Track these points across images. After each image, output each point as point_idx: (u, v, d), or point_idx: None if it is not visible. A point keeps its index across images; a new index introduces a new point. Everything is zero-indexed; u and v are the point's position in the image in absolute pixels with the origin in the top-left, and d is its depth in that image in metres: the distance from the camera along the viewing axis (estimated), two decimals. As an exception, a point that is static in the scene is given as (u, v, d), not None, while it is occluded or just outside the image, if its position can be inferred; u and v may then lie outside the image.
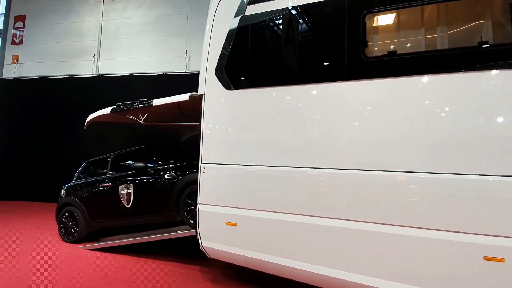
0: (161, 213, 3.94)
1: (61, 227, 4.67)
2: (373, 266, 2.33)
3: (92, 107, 7.98)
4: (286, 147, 2.76)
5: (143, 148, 4.56)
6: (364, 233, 2.36)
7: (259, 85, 3.00)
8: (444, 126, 2.15)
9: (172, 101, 3.71)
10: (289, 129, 2.78)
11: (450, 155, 2.10)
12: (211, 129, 3.19)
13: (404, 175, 2.27)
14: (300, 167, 2.70)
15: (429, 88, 2.25)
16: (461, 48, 2.41)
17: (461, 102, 2.11)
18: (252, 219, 2.91)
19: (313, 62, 2.82)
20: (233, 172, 3.04)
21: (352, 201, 2.44)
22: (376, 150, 2.38)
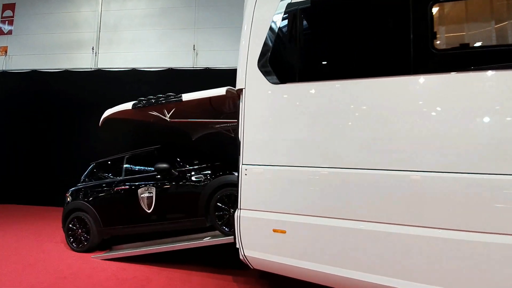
0: (187, 219, 3.60)
1: (69, 235, 4.22)
2: (452, 279, 2.14)
3: (90, 103, 7.51)
4: (344, 147, 2.52)
5: (162, 147, 4.19)
6: (443, 242, 2.16)
7: (310, 78, 2.74)
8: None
9: (206, 95, 3.39)
10: (348, 127, 2.54)
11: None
12: (254, 127, 2.89)
13: (487, 178, 2.09)
14: (360, 169, 2.47)
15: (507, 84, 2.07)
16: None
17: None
18: (305, 226, 2.65)
19: (375, 54, 2.58)
20: (281, 175, 2.75)
21: (427, 206, 2.24)
22: (449, 150, 2.19)
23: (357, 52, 2.62)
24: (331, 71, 2.70)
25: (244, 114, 2.95)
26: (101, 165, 4.55)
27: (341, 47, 2.68)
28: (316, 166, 2.63)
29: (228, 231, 3.37)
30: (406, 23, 2.39)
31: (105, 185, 4.15)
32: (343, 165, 2.53)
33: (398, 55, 2.44)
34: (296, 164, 2.72)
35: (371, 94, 2.49)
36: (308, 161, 2.66)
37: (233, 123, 4.41)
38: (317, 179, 2.62)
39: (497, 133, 2.03)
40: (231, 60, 7.18)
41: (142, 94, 7.05)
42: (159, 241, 4.03)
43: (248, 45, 3.00)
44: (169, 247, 3.50)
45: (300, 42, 2.79)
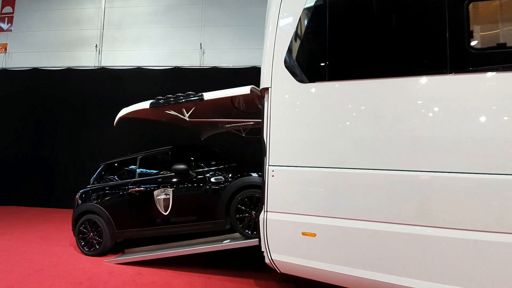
0: (206, 221, 3.50)
1: (80, 238, 4.07)
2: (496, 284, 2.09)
3: (94, 102, 7.34)
4: (378, 148, 2.46)
5: (176, 148, 4.08)
6: (487, 245, 2.11)
7: (341, 77, 2.67)
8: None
9: (228, 94, 3.29)
10: (381, 128, 2.47)
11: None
12: (281, 127, 2.81)
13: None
14: (395, 170, 2.41)
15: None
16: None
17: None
18: (336, 229, 2.58)
19: (410, 52, 2.52)
20: (311, 176, 2.68)
21: (464, 208, 2.19)
22: (486, 151, 2.15)
23: (391, 50, 2.55)
24: (363, 69, 2.63)
25: (270, 114, 2.87)
26: (112, 166, 4.41)
27: (375, 44, 2.60)
28: (347, 167, 2.57)
29: (250, 234, 3.28)
30: (442, 22, 2.34)
31: (118, 186, 4.02)
32: (377, 166, 2.47)
33: (434, 54, 2.39)
34: (326, 165, 2.65)
35: (405, 94, 2.44)
36: (339, 162, 2.59)
37: (247, 122, 4.34)
38: (349, 180, 2.56)
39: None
40: (239, 59, 7.10)
41: (147, 93, 6.95)
42: (174, 244, 3.92)
43: (274, 43, 2.90)
44: (189, 250, 3.40)
45: (330, 39, 2.70)
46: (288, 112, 2.81)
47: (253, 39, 7.14)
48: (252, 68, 6.98)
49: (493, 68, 2.16)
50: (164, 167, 3.93)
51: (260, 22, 7.34)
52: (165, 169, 3.89)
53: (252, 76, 6.95)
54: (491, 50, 2.35)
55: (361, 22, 2.67)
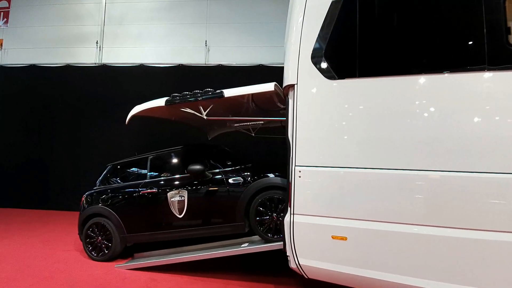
0: (224, 224, 3.35)
1: (87, 243, 3.87)
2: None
3: (94, 100, 7.09)
4: (412, 148, 2.35)
5: (190, 147, 3.92)
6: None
7: (373, 73, 2.55)
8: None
9: (250, 92, 3.15)
10: (415, 127, 2.36)
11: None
12: (308, 125, 2.68)
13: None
14: (431, 171, 2.31)
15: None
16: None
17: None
18: (368, 232, 2.46)
19: (447, 48, 2.42)
20: (341, 177, 2.56)
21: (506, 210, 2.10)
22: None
23: (428, 45, 2.45)
24: (397, 65, 2.51)
25: (296, 112, 2.74)
26: (120, 167, 4.22)
27: (410, 39, 2.49)
28: (380, 168, 2.46)
29: (271, 237, 3.15)
30: (479, 18, 2.25)
31: (128, 188, 3.83)
32: (411, 167, 2.36)
33: (472, 51, 2.30)
34: (357, 165, 2.53)
35: (441, 90, 2.34)
36: (370, 163, 2.48)
37: (258, 121, 4.22)
38: (381, 181, 2.44)
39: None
40: (245, 57, 6.95)
41: (150, 91, 6.76)
42: (187, 248, 3.76)
43: (300, 37, 2.77)
44: (208, 254, 3.24)
45: (362, 33, 2.57)
46: (316, 110, 2.69)
47: (260, 37, 7.01)
48: (259, 66, 6.85)
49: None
50: (176, 168, 3.77)
51: (267, 20, 7.25)
52: (178, 170, 3.72)
53: (258, 74, 6.84)
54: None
55: (395, 15, 2.56)
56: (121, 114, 6.91)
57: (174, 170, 3.80)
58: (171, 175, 3.75)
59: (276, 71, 6.95)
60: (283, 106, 3.46)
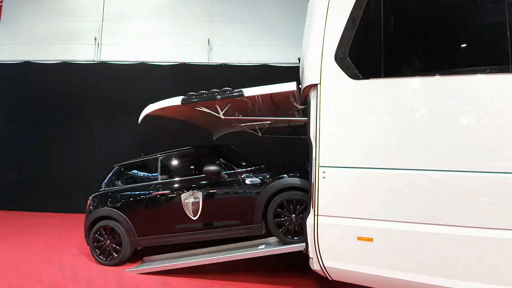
0: (240, 226, 3.27)
1: (95, 247, 3.72)
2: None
3: (93, 98, 6.87)
4: (441, 148, 2.34)
5: (202, 147, 3.83)
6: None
7: (400, 74, 2.53)
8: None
9: (271, 91, 3.09)
10: (443, 127, 2.36)
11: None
12: (333, 125, 2.65)
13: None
14: (459, 171, 2.31)
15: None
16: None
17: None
18: (395, 233, 2.45)
19: (476, 47, 2.42)
20: (367, 177, 2.53)
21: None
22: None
23: (456, 45, 2.45)
24: (424, 65, 2.52)
25: (320, 111, 2.70)
26: (128, 167, 4.08)
27: (438, 38, 2.49)
28: (407, 168, 2.45)
29: (290, 239, 3.10)
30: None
31: (139, 189, 3.70)
32: (438, 167, 2.36)
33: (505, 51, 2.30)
34: (383, 166, 2.51)
35: (470, 91, 2.34)
36: (397, 163, 2.46)
37: (264, 121, 4.18)
38: (408, 182, 2.43)
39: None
40: (249, 57, 6.88)
41: (152, 89, 6.61)
42: (201, 251, 3.67)
43: (323, 35, 2.74)
44: (226, 257, 3.16)
45: (387, 32, 2.56)
46: (340, 110, 2.65)
47: (264, 36, 6.95)
48: (263, 66, 6.80)
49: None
50: (189, 169, 3.67)
51: (272, 19, 7.17)
52: (191, 171, 3.63)
53: (263, 74, 6.79)
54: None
55: (423, 13, 2.55)
56: (121, 114, 6.79)
57: (186, 171, 3.71)
58: (184, 176, 3.65)
59: (281, 71, 6.93)
60: (301, 106, 3.42)
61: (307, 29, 3.09)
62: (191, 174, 3.59)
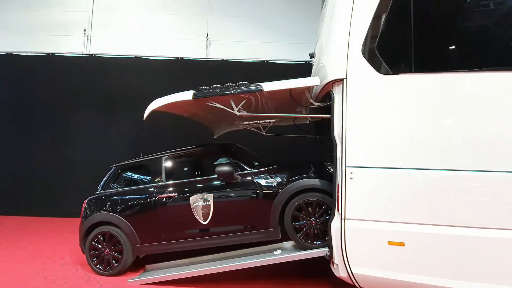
0: (255, 231, 3.06)
1: (92, 255, 3.38)
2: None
3: (82, 93, 6.41)
4: (476, 148, 2.23)
5: (210, 146, 3.58)
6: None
7: (432, 69, 2.40)
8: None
9: (293, 86, 2.89)
10: (476, 126, 2.25)
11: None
12: (361, 123, 2.49)
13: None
14: (496, 172, 2.22)
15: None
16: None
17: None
18: (428, 237, 2.32)
19: (504, 43, 2.34)
20: (398, 178, 2.39)
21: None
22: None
23: (491, 40, 2.36)
24: (458, 61, 2.41)
25: (347, 108, 2.54)
26: (127, 168, 3.76)
27: (473, 32, 2.39)
28: (439, 169, 2.33)
29: (310, 243, 2.92)
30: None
31: (142, 192, 3.40)
32: (474, 167, 2.25)
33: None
34: (415, 166, 2.38)
35: (503, 89, 2.26)
36: (429, 163, 2.33)
37: (269, 118, 4.01)
38: (442, 183, 2.31)
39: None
40: (249, 53, 6.65)
41: (146, 85, 6.25)
42: (209, 258, 3.42)
43: (349, 28, 2.57)
44: (237, 265, 2.93)
45: (418, 24, 2.42)
46: (369, 107, 2.50)
47: (264, 32, 6.74)
48: (264, 63, 6.60)
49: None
50: (197, 169, 3.42)
51: (272, 15, 6.94)
52: (200, 171, 3.38)
53: (263, 71, 6.58)
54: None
55: (455, 5, 2.44)
56: (114, 110, 6.38)
57: (194, 172, 3.45)
58: (191, 177, 3.39)
59: (282, 68, 6.75)
60: (317, 103, 3.24)
61: (328, 23, 2.92)
62: (199, 175, 3.34)
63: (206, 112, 4.00)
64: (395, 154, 2.40)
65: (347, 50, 2.56)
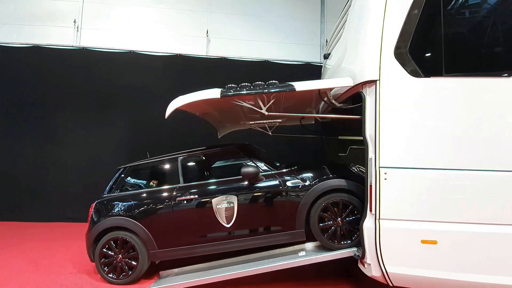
0: (281, 232, 3.00)
1: (102, 263, 3.14)
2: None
3: (71, 90, 5.97)
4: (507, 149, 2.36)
5: (228, 146, 3.47)
6: None
7: (463, 73, 2.46)
8: None
9: (324, 86, 2.86)
10: (503, 129, 2.38)
11: None
12: (394, 125, 2.52)
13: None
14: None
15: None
16: None
17: None
18: (460, 234, 2.41)
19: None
20: (432, 178, 2.44)
21: None
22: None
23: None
24: (489, 65, 2.51)
25: (380, 110, 2.56)
26: (138, 169, 3.54)
27: (501, 37, 2.50)
28: (470, 169, 2.41)
29: (337, 244, 2.92)
30: None
31: (159, 194, 3.21)
32: (503, 168, 2.36)
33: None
34: (447, 166, 2.45)
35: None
36: (460, 164, 2.41)
37: (274, 118, 4.01)
38: (472, 182, 2.40)
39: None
40: (249, 52, 6.56)
41: (143, 81, 5.97)
42: (228, 261, 3.30)
43: (382, 30, 2.60)
44: (265, 267, 2.84)
45: (448, 28, 2.50)
46: (402, 108, 2.53)
47: (265, 32, 6.69)
48: (265, 62, 6.55)
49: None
50: (218, 170, 3.30)
51: (274, 14, 6.89)
52: (221, 172, 3.27)
53: (264, 71, 6.52)
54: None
55: (485, 10, 2.55)
56: (105, 108, 6.00)
57: (213, 172, 3.33)
58: (211, 178, 3.27)
59: (283, 68, 6.74)
60: (338, 104, 3.25)
61: (356, 25, 2.92)
62: (222, 176, 3.22)
63: (217, 111, 3.89)
64: (427, 155, 2.46)
65: (380, 52, 2.59)
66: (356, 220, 2.91)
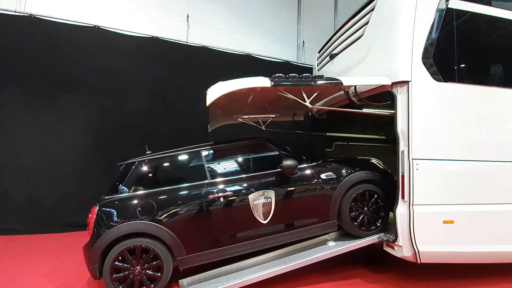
0: (317, 224, 3.03)
1: (114, 280, 2.55)
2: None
3: (13, 69, 4.60)
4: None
5: (258, 139, 3.28)
6: None
7: (478, 81, 3.00)
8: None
9: (368, 83, 2.99)
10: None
11: None
12: (423, 122, 2.88)
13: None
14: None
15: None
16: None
17: None
18: (470, 214, 2.92)
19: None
20: (453, 168, 2.90)
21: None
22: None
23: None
24: (496, 77, 3.10)
25: (412, 108, 2.88)
26: (153, 165, 3.01)
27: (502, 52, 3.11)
28: (486, 160, 2.93)
29: (365, 231, 3.13)
30: None
31: (185, 192, 2.80)
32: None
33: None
34: (467, 158, 2.92)
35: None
36: (478, 156, 2.91)
37: (268, 113, 4.15)
38: (485, 171, 2.92)
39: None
40: (232, 44, 6.33)
41: (109, 62, 5.15)
42: (257, 260, 3.13)
43: (413, 35, 2.92)
44: (300, 262, 2.82)
45: (459, 42, 2.99)
46: (428, 108, 2.91)
47: (249, 25, 6.56)
48: (247, 56, 6.43)
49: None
50: (244, 164, 3.10)
51: (258, 9, 6.77)
52: (253, 167, 3.08)
53: (246, 65, 6.35)
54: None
55: (488, 32, 3.12)
56: (59, 93, 4.85)
57: (243, 166, 3.11)
58: (241, 173, 3.04)
59: (265, 64, 6.69)
60: (358, 101, 3.48)
61: (383, 28, 3.15)
62: (248, 170, 3.04)
63: (228, 101, 3.67)
64: (451, 148, 2.90)
65: (411, 56, 2.90)
66: (379, 208, 3.20)
